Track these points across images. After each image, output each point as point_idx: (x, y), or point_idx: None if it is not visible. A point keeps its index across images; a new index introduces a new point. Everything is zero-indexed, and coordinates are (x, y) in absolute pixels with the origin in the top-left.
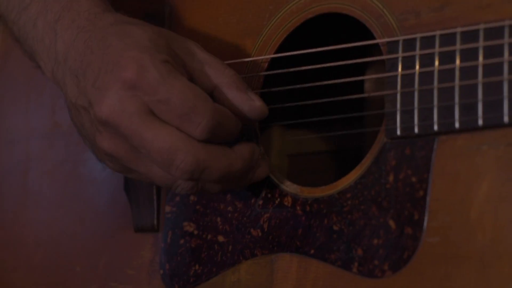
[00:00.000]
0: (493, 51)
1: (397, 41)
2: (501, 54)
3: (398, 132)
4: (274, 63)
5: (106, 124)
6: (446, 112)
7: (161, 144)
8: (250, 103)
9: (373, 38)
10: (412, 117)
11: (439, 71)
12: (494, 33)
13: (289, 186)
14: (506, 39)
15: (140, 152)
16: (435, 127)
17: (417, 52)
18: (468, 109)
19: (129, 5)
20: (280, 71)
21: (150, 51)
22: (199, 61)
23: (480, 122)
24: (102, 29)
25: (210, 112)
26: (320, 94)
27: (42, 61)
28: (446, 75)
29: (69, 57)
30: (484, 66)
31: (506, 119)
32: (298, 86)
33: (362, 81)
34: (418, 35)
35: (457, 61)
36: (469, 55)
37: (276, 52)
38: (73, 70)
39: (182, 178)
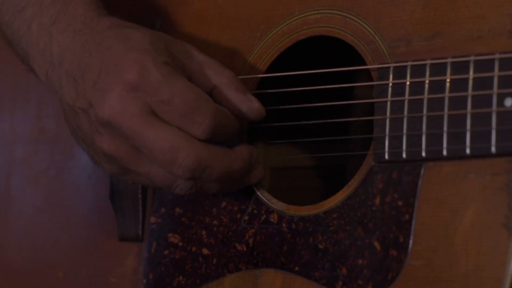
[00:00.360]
0: (483, 83)
1: (388, 68)
2: (490, 86)
3: (386, 157)
4: (264, 82)
5: (108, 125)
6: (435, 139)
7: (163, 144)
8: (249, 104)
9: (364, 61)
10: (401, 143)
11: (429, 99)
12: (484, 65)
13: (275, 204)
14: (496, 72)
15: (141, 153)
16: (423, 154)
17: (408, 79)
18: (456, 138)
19: (120, 17)
20: (269, 91)
21: (151, 53)
22: (197, 62)
23: (468, 151)
24: (100, 33)
25: (212, 112)
26: (308, 114)
27: (36, 64)
28: (436, 103)
29: (65, 60)
30: (473, 97)
31: (493, 149)
32: (286, 106)
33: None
34: (409, 63)
35: (447, 91)
36: (459, 85)
37: (266, 72)
38: (69, 72)
39: (184, 177)
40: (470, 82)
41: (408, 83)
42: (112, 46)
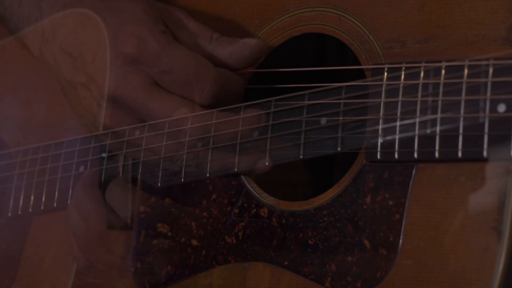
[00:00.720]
0: (477, 88)
1: (382, 68)
2: (484, 91)
3: (378, 156)
4: (256, 77)
5: (111, 99)
6: (427, 141)
7: (168, 113)
8: (247, 46)
9: (358, 60)
10: (393, 144)
11: (422, 101)
12: (478, 70)
13: (266, 198)
14: (489, 77)
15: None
16: (415, 155)
17: (402, 81)
18: (449, 141)
19: None
20: (261, 86)
21: (146, 23)
22: (189, 33)
23: (460, 154)
24: (91, 6)
25: (213, 78)
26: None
27: (29, 39)
28: (429, 106)
29: (57, 34)
30: (467, 101)
31: (485, 153)
32: (279, 107)
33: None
34: (404, 65)
35: (441, 94)
36: (453, 89)
37: (259, 67)
38: (64, 48)
39: (191, 144)
40: (464, 86)
41: (402, 84)
42: (106, 19)
